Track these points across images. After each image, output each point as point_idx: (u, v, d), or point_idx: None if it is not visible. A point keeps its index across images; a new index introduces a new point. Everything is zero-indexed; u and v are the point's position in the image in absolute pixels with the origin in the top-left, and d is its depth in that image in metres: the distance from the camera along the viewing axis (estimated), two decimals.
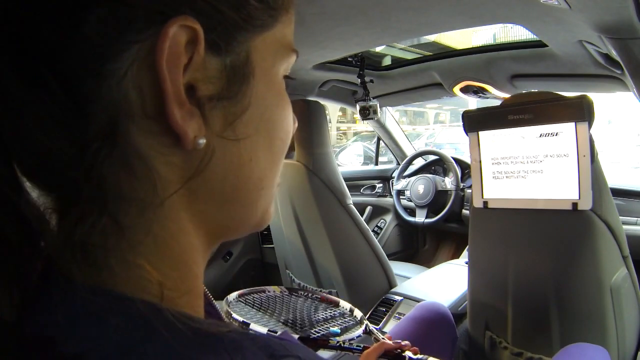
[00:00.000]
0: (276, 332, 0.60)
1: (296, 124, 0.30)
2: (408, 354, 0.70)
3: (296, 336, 0.58)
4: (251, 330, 0.58)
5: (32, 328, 0.20)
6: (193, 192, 0.23)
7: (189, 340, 0.20)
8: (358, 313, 0.78)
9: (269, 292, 0.86)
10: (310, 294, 0.93)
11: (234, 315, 0.74)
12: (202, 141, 0.22)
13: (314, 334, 0.71)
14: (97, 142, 0.20)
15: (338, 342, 0.63)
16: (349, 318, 0.87)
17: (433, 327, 0.97)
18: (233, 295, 0.84)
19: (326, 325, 0.97)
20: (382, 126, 2.11)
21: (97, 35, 0.20)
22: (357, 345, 0.70)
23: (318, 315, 0.93)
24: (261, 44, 0.24)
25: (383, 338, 0.73)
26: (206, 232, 0.25)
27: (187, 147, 0.22)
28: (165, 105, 0.21)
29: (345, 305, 0.81)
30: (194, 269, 0.25)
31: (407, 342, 0.73)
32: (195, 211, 0.24)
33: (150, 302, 0.21)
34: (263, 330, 0.62)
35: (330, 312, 0.91)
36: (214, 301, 0.32)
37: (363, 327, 0.78)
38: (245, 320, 0.73)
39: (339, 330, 1.23)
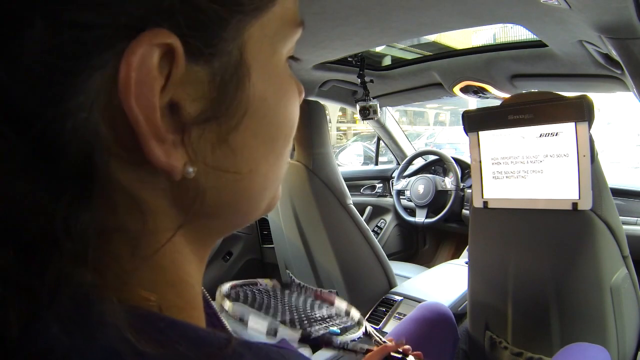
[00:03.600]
0: (276, 330, 0.59)
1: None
2: (410, 359, 0.69)
3: (297, 335, 0.57)
4: (249, 327, 0.57)
5: (32, 343, 0.18)
6: (187, 215, 0.21)
7: (187, 352, 0.18)
8: (355, 314, 0.77)
9: (261, 284, 0.85)
10: (304, 290, 0.92)
11: (230, 311, 0.72)
12: (192, 169, 0.19)
13: (315, 333, 0.70)
14: (72, 186, 0.17)
15: (340, 342, 0.62)
16: (346, 318, 0.86)
17: (434, 327, 0.97)
18: (226, 288, 0.83)
19: (325, 325, 0.96)
20: (382, 126, 2.11)
21: (43, 69, 0.16)
22: (360, 347, 0.69)
23: (315, 313, 0.92)
24: (258, 31, 0.20)
25: (384, 341, 0.73)
26: (202, 242, 0.24)
27: (175, 178, 0.19)
28: (141, 145, 0.18)
29: (340, 305, 0.80)
30: (191, 281, 0.23)
31: (408, 346, 0.72)
32: (189, 229, 0.22)
33: (146, 312, 0.19)
34: (262, 326, 0.61)
35: (327, 311, 0.90)
36: (213, 304, 0.32)
37: (363, 328, 0.78)
38: (242, 317, 0.71)
39: (339, 331, 1.23)
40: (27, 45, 0.16)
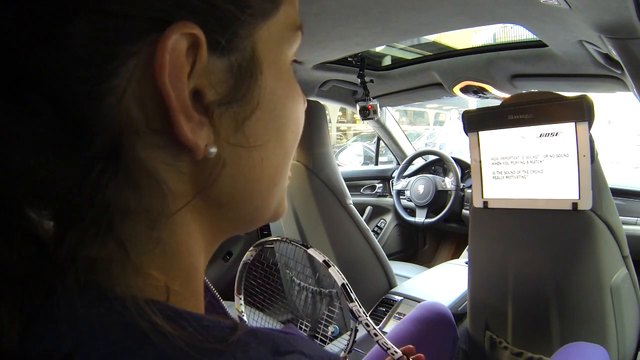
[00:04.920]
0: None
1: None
2: None
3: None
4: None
5: (33, 346, 0.19)
6: (202, 199, 0.23)
7: (193, 340, 0.19)
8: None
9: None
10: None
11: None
12: (214, 150, 0.21)
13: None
14: (100, 164, 0.19)
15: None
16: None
17: (434, 327, 0.97)
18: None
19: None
20: (382, 126, 2.11)
21: (85, 53, 0.18)
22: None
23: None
24: (265, 33, 0.23)
25: (382, 331, 0.72)
26: (214, 233, 0.25)
27: (198, 157, 0.21)
28: (172, 121, 0.20)
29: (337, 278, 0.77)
30: (199, 269, 0.24)
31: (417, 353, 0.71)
32: (204, 216, 0.23)
33: (154, 300, 0.20)
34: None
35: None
36: (217, 294, 0.32)
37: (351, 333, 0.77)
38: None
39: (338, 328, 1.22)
40: (73, 33, 0.18)
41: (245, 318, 0.83)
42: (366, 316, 0.69)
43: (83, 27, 0.18)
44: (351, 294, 0.70)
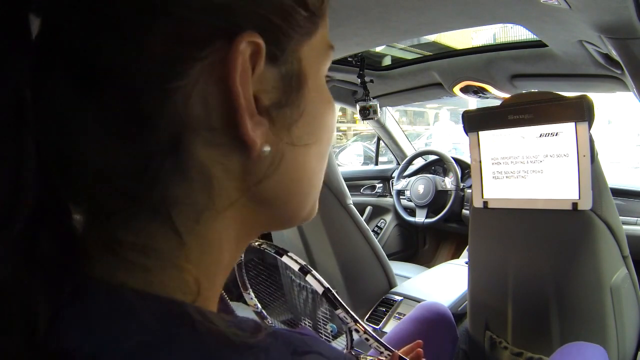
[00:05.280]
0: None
1: None
2: None
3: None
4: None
5: (58, 341, 0.19)
6: (245, 196, 0.24)
7: (215, 341, 0.20)
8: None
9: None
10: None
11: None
12: (268, 149, 0.23)
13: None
14: (161, 156, 0.21)
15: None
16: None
17: (433, 327, 0.97)
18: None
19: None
20: (382, 126, 2.11)
21: (161, 53, 0.20)
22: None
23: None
24: (308, 50, 0.25)
25: (377, 338, 0.71)
26: (248, 230, 0.26)
27: (253, 155, 0.23)
28: (238, 118, 0.21)
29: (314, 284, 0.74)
30: (224, 267, 0.25)
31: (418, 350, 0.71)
32: (243, 212, 0.25)
33: (180, 301, 0.21)
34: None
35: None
36: (226, 298, 0.33)
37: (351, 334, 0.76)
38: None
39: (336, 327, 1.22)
40: (153, 34, 0.20)
41: (260, 308, 0.82)
42: (355, 322, 0.65)
43: (162, 30, 0.20)
44: (335, 300, 0.66)
